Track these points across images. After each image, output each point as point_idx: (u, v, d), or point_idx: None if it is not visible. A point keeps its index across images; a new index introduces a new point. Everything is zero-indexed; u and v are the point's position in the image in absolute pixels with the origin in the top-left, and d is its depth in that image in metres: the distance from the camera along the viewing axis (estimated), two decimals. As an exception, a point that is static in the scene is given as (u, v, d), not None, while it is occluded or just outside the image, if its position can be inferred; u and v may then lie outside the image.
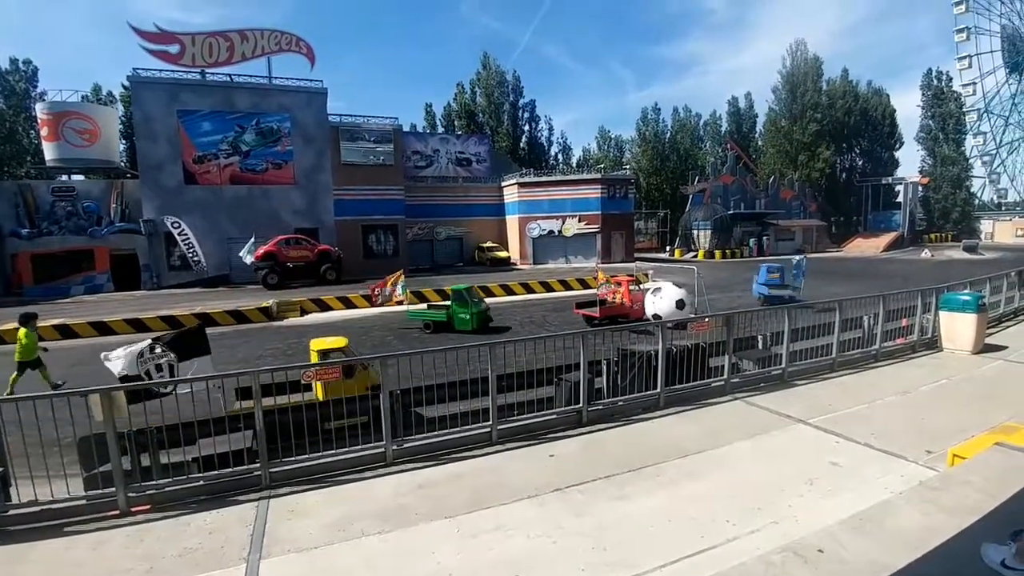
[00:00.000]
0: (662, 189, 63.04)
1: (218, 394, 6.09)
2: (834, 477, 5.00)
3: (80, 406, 4.84)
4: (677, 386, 7.35)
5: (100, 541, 4.41)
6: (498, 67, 58.75)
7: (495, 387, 6.16)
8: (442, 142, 46.35)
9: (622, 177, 43.04)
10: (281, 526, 4.52)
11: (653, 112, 66.19)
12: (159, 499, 5.00)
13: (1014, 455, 3.28)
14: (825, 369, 8.63)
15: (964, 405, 6.83)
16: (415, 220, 39.01)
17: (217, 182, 30.22)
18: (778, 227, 50.29)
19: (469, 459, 5.78)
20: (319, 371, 5.57)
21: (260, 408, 5.25)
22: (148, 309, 19.13)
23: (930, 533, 2.45)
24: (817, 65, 61.09)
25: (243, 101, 30.52)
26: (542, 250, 39.78)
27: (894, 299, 10.03)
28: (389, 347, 13.87)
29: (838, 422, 6.33)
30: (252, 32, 30.53)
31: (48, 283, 27.02)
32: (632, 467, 5.34)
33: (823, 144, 59.31)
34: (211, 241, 29.39)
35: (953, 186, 62.73)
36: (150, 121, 28.97)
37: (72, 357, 13.77)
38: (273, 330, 17.02)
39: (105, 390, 4.84)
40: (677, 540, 4.04)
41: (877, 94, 65.22)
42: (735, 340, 7.98)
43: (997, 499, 2.66)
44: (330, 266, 28.30)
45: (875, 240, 53.25)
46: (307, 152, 31.87)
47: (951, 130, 63.37)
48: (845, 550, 2.44)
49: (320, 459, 5.50)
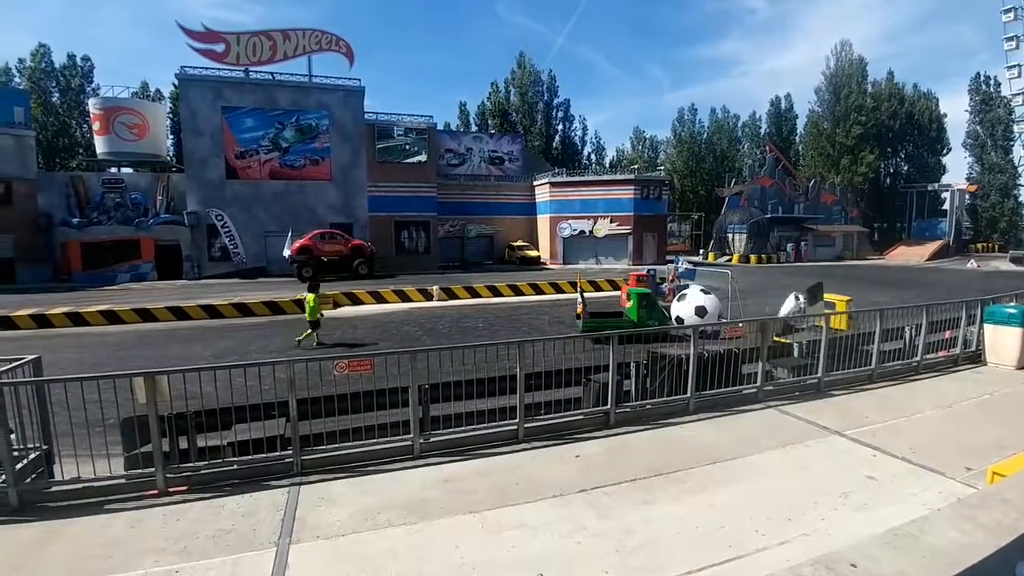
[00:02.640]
0: (697, 191, 62.10)
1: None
2: (870, 491, 4.85)
3: (124, 389, 5.05)
4: (708, 392, 7.23)
5: (138, 519, 4.56)
6: (533, 67, 58.86)
7: (523, 385, 6.18)
8: (475, 140, 46.63)
9: (656, 178, 42.48)
10: (311, 513, 4.62)
11: (690, 113, 65.43)
12: (195, 481, 5.17)
13: None
14: (863, 380, 8.36)
15: (1006, 422, 6.57)
16: (447, 217, 39.35)
17: (257, 177, 31.10)
18: (817, 232, 48.85)
19: (495, 456, 5.81)
20: (351, 363, 5.68)
21: (294, 396, 5.38)
22: (189, 298, 19.79)
23: (967, 551, 2.37)
24: (862, 66, 59.23)
25: (284, 99, 31.32)
26: (572, 250, 39.62)
27: (937, 310, 9.67)
28: (418, 342, 14.03)
29: (875, 435, 6.14)
30: (294, 32, 31.29)
31: (96, 270, 28.19)
32: (659, 472, 5.28)
33: (867, 148, 57.40)
34: (249, 234, 30.31)
35: (1001, 195, 59.85)
36: (196, 117, 30.01)
37: (115, 342, 14.38)
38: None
39: (149, 374, 5.04)
40: (703, 548, 3.98)
41: (925, 97, 62.80)
42: (769, 347, 7.81)
43: None
44: (363, 261, 28.80)
45: (919, 248, 51.24)
46: (343, 149, 32.50)
47: (1000, 137, 60.37)
48: (879, 566, 2.37)
49: (350, 449, 5.62)
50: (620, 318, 14.73)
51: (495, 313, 18.57)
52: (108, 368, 9.97)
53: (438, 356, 6.13)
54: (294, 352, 12.65)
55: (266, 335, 15.02)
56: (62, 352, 12.59)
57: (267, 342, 14.06)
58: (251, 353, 12.73)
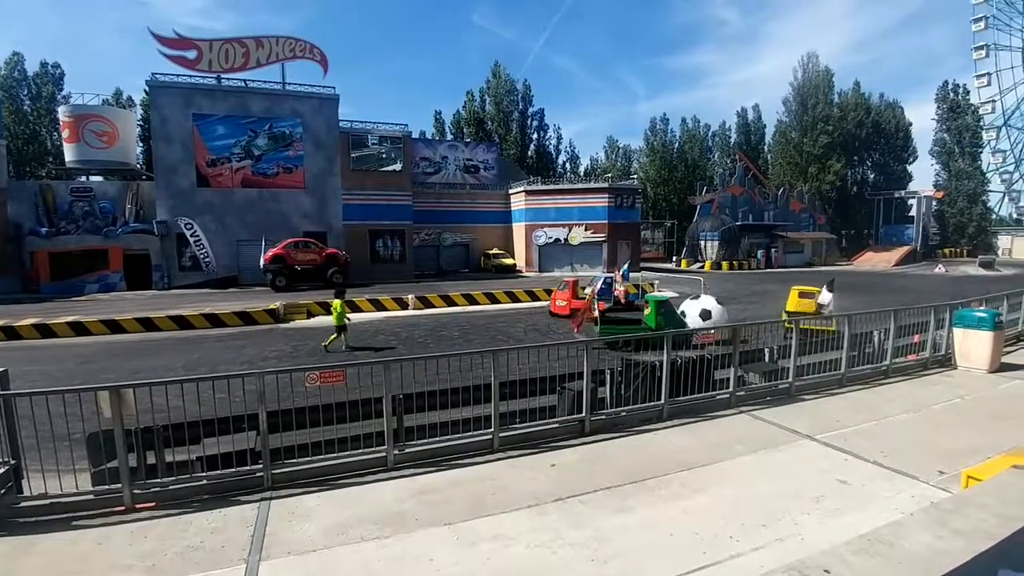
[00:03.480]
0: (669, 199, 63.01)
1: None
2: (842, 495, 4.92)
3: (91, 402, 4.89)
4: (681, 398, 7.29)
5: (105, 536, 4.45)
6: (508, 76, 59.21)
7: (497, 394, 6.14)
8: (450, 149, 46.64)
9: (629, 187, 43.01)
10: (281, 528, 4.51)
11: (662, 122, 66.47)
12: (163, 497, 5.05)
13: None
14: (833, 384, 8.52)
15: (978, 425, 6.71)
16: (422, 226, 39.22)
17: (229, 185, 30.52)
18: (787, 239, 50.02)
19: (470, 466, 5.75)
20: (322, 374, 5.57)
21: (264, 409, 5.25)
22: (159, 309, 19.27)
23: (943, 557, 2.37)
24: (828, 77, 61.07)
25: (257, 106, 30.87)
26: (548, 258, 39.78)
27: (906, 314, 9.89)
28: (393, 351, 13.87)
29: (847, 439, 6.24)
30: (267, 39, 30.91)
31: (64, 281, 27.44)
32: (634, 479, 5.29)
33: (834, 156, 59.10)
34: (221, 243, 29.68)
35: (969, 200, 61.98)
36: (166, 124, 29.38)
37: (83, 354, 13.90)
38: (280, 332, 17.08)
39: (114, 387, 4.89)
40: (678, 555, 3.98)
41: (890, 107, 64.93)
42: (741, 353, 7.91)
43: (1015, 524, 2.57)
44: (337, 270, 28.43)
45: (887, 254, 52.74)
46: (317, 157, 32.14)
47: (967, 144, 62.66)
48: (852, 572, 2.38)
49: (322, 462, 5.51)
50: (638, 324, 14.37)
51: (471, 321, 18.49)
52: (77, 381, 9.62)
53: (412, 366, 6.04)
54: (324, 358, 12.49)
55: (238, 346, 14.68)
56: (30, 364, 12.16)
57: (239, 353, 13.74)
58: (222, 365, 12.42)
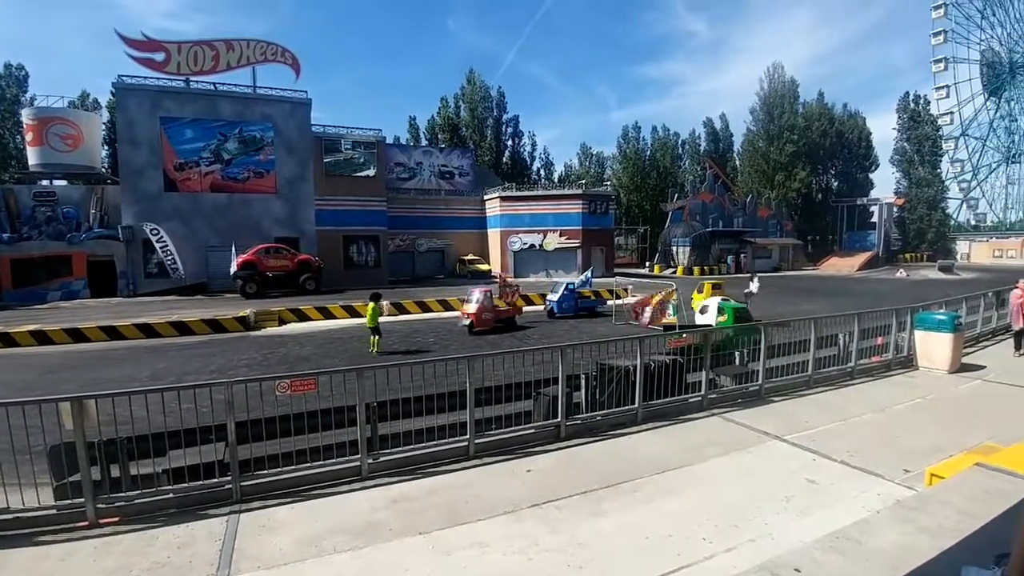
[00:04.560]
0: (642, 206, 63.88)
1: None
2: (811, 494, 5.03)
3: (52, 414, 4.72)
4: (655, 401, 7.37)
5: (69, 552, 4.30)
6: (483, 83, 59.43)
7: (473, 400, 6.11)
8: (425, 155, 46.51)
9: (603, 193, 43.53)
10: (251, 541, 4.40)
11: (634, 130, 67.49)
12: (128, 511, 4.89)
13: (995, 476, 3.28)
14: (801, 386, 8.73)
15: (940, 424, 6.93)
16: (397, 231, 38.95)
17: (198, 189, 29.82)
18: (755, 245, 51.18)
19: (446, 474, 5.70)
20: (293, 382, 5.46)
21: (233, 419, 5.13)
22: (124, 317, 18.69)
23: (909, 554, 2.43)
24: (794, 88, 62.95)
25: (226, 109, 30.27)
26: (523, 264, 39.90)
27: (869, 317, 10.19)
28: (368, 358, 13.70)
29: (815, 439, 6.39)
30: (238, 42, 30.38)
31: (26, 288, 26.63)
32: (609, 483, 5.31)
33: (799, 165, 60.81)
34: (189, 249, 28.93)
35: (928, 207, 64.53)
36: (133, 127, 28.60)
37: (44, 364, 13.38)
38: (250, 340, 16.72)
39: (76, 398, 4.72)
40: (653, 558, 4.01)
41: (852, 117, 67.24)
42: (712, 356, 8.05)
43: (978, 521, 2.65)
44: (310, 276, 28.00)
45: (850, 259, 54.42)
46: (289, 161, 31.64)
47: (927, 152, 65.25)
48: (822, 570, 2.43)
49: (294, 472, 5.39)
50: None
51: (447, 327, 18.39)
52: (37, 392, 9.26)
53: (386, 373, 5.98)
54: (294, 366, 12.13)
55: (206, 355, 14.31)
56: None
57: (207, 362, 13.39)
58: (190, 374, 12.09)
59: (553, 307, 20.62)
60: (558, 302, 20.54)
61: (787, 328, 9.61)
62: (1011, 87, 64.39)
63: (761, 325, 8.98)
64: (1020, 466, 3.32)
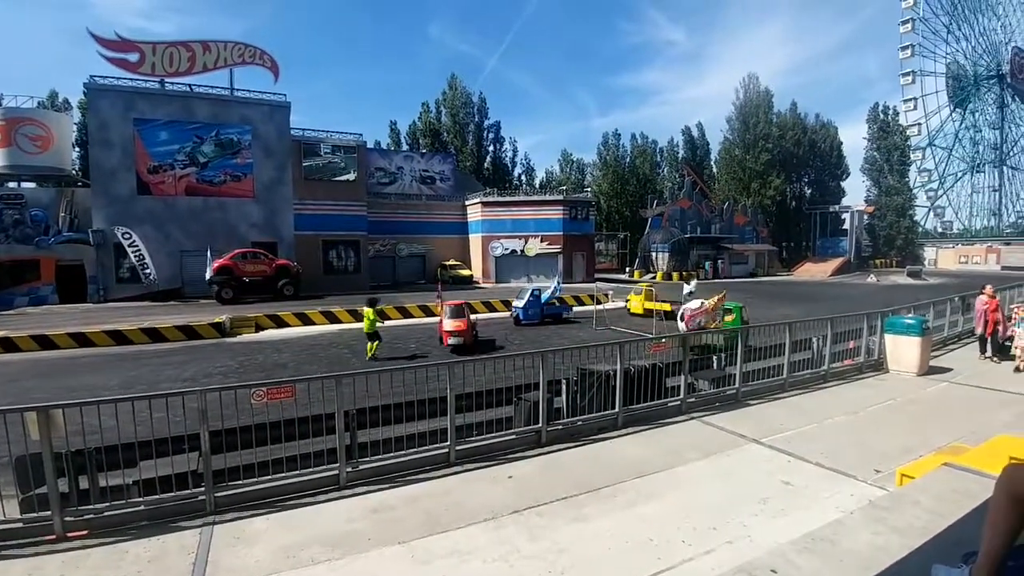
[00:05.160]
0: (622, 212, 64.50)
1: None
2: (787, 496, 5.10)
3: (17, 423, 4.57)
4: (635, 406, 7.41)
5: (36, 567, 4.16)
6: (464, 88, 59.51)
7: (453, 407, 6.08)
8: (406, 160, 46.33)
9: (583, 199, 43.83)
10: (225, 554, 4.30)
11: (614, 137, 68.25)
12: (97, 524, 4.73)
13: (962, 476, 3.37)
14: (777, 389, 8.86)
15: (910, 426, 7.09)
16: (377, 236, 38.70)
17: (172, 193, 29.23)
18: (732, 251, 52.01)
19: (426, 481, 5.65)
20: (270, 390, 5.37)
21: (206, 428, 5.02)
22: (94, 323, 18.18)
23: (881, 553, 2.49)
24: (768, 98, 64.35)
25: (203, 112, 29.77)
26: (505, 269, 39.93)
27: (841, 322, 10.41)
28: (347, 365, 13.55)
29: (790, 441, 6.49)
30: (215, 43, 29.94)
31: (-9, 293, 25.69)
32: (590, 488, 5.32)
33: (774, 173, 62.10)
34: (163, 253, 28.32)
35: (897, 215, 66.50)
36: (105, 129, 27.94)
37: (9, 372, 12.94)
38: (226, 347, 16.41)
39: (42, 408, 4.57)
40: (633, 562, 4.03)
41: (825, 127, 69.00)
42: (691, 360, 8.13)
43: (947, 520, 2.72)
44: (288, 281, 27.60)
45: (823, 265, 55.61)
46: (268, 165, 31.22)
47: (896, 162, 67.30)
48: (798, 571, 2.46)
49: (270, 482, 5.29)
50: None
51: (428, 333, 18.29)
52: (2, 401, 8.96)
53: (365, 379, 5.92)
54: (272, 373, 11.87)
55: (180, 362, 14.00)
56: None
57: (180, 370, 13.10)
58: (163, 382, 11.81)
59: (519, 314, 20.63)
60: (523, 309, 20.54)
61: (764, 332, 9.78)
62: (975, 99, 67.11)
63: (739, 329, 9.12)
64: (986, 465, 3.41)
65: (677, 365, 8.01)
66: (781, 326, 9.46)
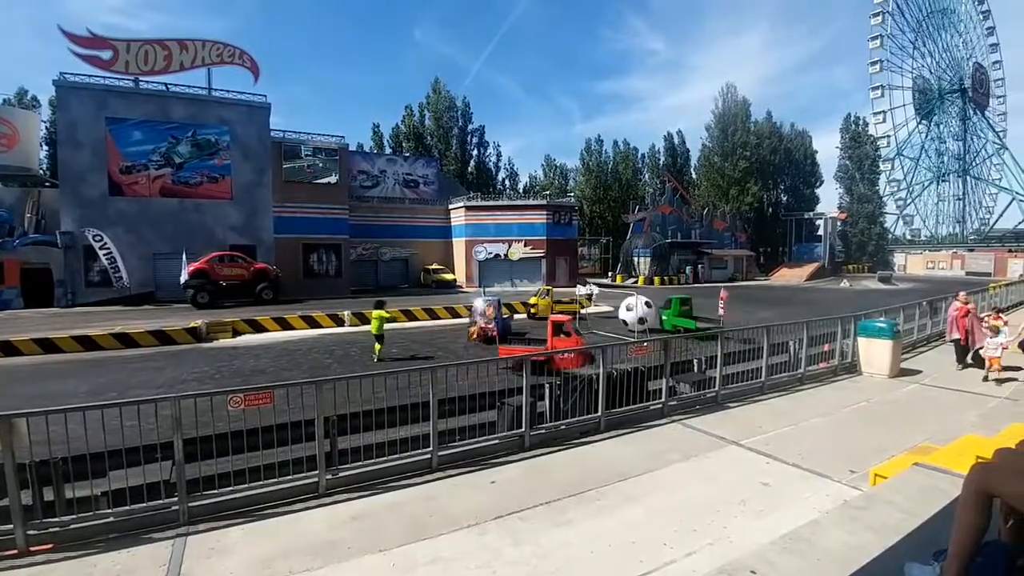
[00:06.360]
0: (604, 217, 65.04)
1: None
2: (766, 497, 5.16)
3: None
4: (617, 409, 7.44)
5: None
6: (448, 92, 59.46)
7: (436, 412, 6.02)
8: (389, 163, 46.09)
9: (566, 204, 44.07)
10: (199, 565, 4.18)
11: (596, 143, 68.85)
12: (63, 537, 4.55)
13: (933, 475, 3.47)
14: (756, 392, 8.98)
15: (883, 426, 7.25)
16: (359, 240, 38.38)
17: (146, 194, 28.59)
18: (712, 256, 52.76)
19: (408, 487, 5.58)
20: (247, 396, 5.25)
21: (180, 436, 4.89)
22: (61, 328, 17.65)
23: (856, 552, 2.54)
24: (746, 107, 65.70)
25: (179, 111, 29.22)
26: (488, 273, 39.87)
27: (817, 325, 10.62)
28: (328, 370, 13.36)
29: (769, 443, 6.58)
30: (192, 42, 29.43)
31: (-48, 298, 24.71)
32: (573, 492, 5.32)
33: (752, 180, 63.30)
34: (136, 256, 27.66)
35: (868, 221, 68.33)
36: (75, 128, 27.20)
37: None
38: (202, 352, 16.05)
39: (3, 416, 4.39)
40: (616, 566, 4.02)
41: (800, 136, 70.65)
42: (672, 364, 8.20)
43: (919, 518, 2.79)
44: (267, 285, 27.20)
45: (799, 270, 56.74)
46: (246, 167, 30.74)
47: (867, 170, 69.19)
48: (777, 571, 2.49)
49: (246, 491, 5.16)
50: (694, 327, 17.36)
51: (411, 337, 18.15)
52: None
53: (346, 385, 5.83)
54: (249, 379, 11.61)
55: (153, 368, 13.65)
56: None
57: (153, 376, 12.77)
58: (135, 389, 11.49)
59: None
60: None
61: (742, 335, 9.92)
62: (940, 112, 69.87)
63: (719, 332, 9.22)
64: (955, 465, 3.51)
65: (659, 368, 8.06)
66: (759, 329, 9.60)
